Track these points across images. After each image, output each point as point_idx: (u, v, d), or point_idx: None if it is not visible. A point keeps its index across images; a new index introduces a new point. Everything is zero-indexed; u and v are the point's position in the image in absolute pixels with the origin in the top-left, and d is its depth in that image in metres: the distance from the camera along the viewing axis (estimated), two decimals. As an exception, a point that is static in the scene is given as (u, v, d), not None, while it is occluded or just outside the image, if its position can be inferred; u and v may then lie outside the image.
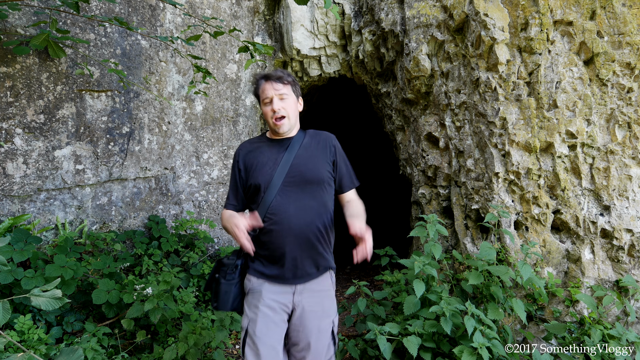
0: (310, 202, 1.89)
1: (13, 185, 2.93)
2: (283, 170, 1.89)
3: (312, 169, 1.92)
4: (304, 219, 1.86)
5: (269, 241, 1.86)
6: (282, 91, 1.90)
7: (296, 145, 1.97)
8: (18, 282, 2.52)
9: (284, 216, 1.84)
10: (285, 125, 1.91)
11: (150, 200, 3.66)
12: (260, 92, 1.94)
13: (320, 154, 1.98)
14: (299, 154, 1.94)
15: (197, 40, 3.26)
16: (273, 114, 1.89)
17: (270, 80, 1.90)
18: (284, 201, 1.86)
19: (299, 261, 1.87)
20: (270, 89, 1.89)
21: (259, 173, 1.91)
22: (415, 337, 2.37)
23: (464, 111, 3.28)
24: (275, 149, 1.96)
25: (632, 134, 2.81)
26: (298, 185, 1.88)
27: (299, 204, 1.87)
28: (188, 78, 3.79)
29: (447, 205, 3.54)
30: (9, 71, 2.88)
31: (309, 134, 2.04)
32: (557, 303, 2.90)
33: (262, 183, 1.88)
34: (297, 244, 1.85)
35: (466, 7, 3.12)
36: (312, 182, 1.89)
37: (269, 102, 1.90)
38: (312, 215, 1.88)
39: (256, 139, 2.07)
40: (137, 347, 2.79)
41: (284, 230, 1.84)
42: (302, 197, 1.88)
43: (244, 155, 2.00)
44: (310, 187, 1.89)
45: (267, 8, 4.40)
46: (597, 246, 2.86)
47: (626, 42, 2.76)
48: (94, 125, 3.27)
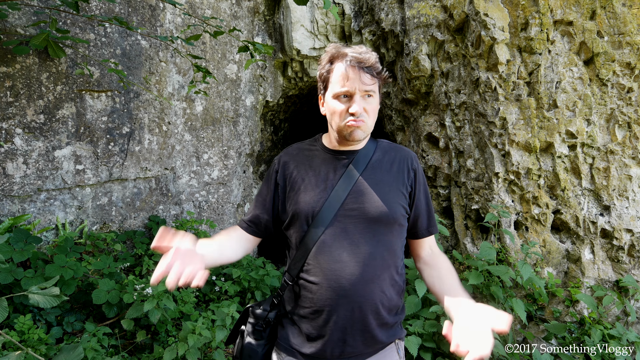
0: (372, 249, 1.33)
1: (13, 185, 2.93)
2: (338, 197, 1.34)
3: (380, 202, 1.35)
4: (362, 274, 1.30)
5: (307, 299, 1.34)
6: (369, 87, 1.31)
7: (362, 161, 1.40)
8: (18, 282, 2.52)
9: (331, 266, 1.30)
10: (361, 133, 1.33)
11: (151, 201, 3.66)
12: (333, 77, 1.34)
13: (394, 179, 1.41)
14: (366, 176, 1.38)
15: (197, 40, 3.26)
16: (348, 116, 1.31)
17: (359, 66, 1.30)
18: (333, 244, 1.31)
19: (350, 335, 1.31)
20: (356, 79, 1.29)
21: (301, 197, 1.36)
22: (415, 337, 2.37)
23: (464, 111, 3.28)
24: (331, 164, 1.40)
25: (632, 134, 2.81)
26: (357, 223, 1.33)
27: (356, 250, 1.31)
28: (188, 78, 3.79)
29: (447, 205, 3.54)
30: (9, 71, 2.88)
31: (382, 146, 1.47)
32: (557, 303, 2.89)
33: (304, 213, 1.34)
34: (350, 309, 1.30)
35: (466, 7, 3.12)
36: (379, 220, 1.33)
37: (347, 97, 1.31)
38: (375, 270, 1.32)
39: (307, 144, 1.50)
40: (137, 347, 2.79)
41: (330, 287, 1.30)
42: (362, 242, 1.32)
43: (287, 165, 1.43)
44: (375, 228, 1.34)
45: (267, 8, 4.40)
46: (597, 246, 2.86)
47: (626, 42, 2.76)
48: (94, 125, 3.27)
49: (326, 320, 1.31)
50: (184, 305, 2.91)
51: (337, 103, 1.32)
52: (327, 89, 1.37)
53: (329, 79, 1.36)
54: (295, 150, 1.49)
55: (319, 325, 1.32)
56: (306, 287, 1.34)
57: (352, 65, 1.30)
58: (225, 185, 4.16)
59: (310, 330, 1.34)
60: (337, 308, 1.30)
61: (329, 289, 1.30)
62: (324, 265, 1.31)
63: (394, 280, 1.37)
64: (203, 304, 3.44)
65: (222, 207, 4.15)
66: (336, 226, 1.32)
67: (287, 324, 1.41)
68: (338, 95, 1.32)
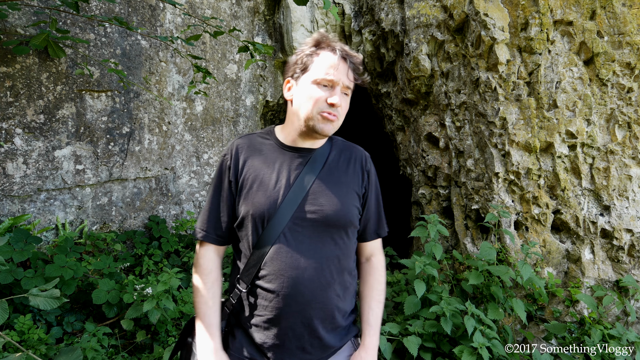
0: (330, 252, 1.29)
1: (13, 185, 2.93)
2: (295, 198, 1.25)
3: (339, 204, 1.30)
4: (320, 279, 1.26)
5: (262, 307, 1.27)
6: (351, 84, 1.29)
7: (319, 161, 1.33)
8: (18, 282, 2.52)
9: (290, 273, 1.24)
10: (331, 129, 1.28)
11: (151, 201, 3.66)
12: (318, 63, 1.27)
13: (350, 180, 1.36)
14: (322, 177, 1.31)
15: (197, 40, 3.26)
16: (325, 105, 1.25)
17: (347, 60, 1.27)
18: (291, 249, 1.24)
19: (307, 342, 1.28)
20: (343, 72, 1.26)
21: (255, 197, 1.26)
22: (415, 337, 2.37)
23: (464, 111, 3.28)
24: (287, 162, 1.31)
25: (632, 134, 2.81)
26: (315, 225, 1.27)
27: (314, 255, 1.26)
28: (188, 78, 3.79)
29: (447, 205, 3.54)
30: (9, 71, 2.88)
31: (337, 145, 1.42)
32: (557, 303, 2.89)
33: (258, 215, 1.25)
34: (308, 317, 1.26)
35: (466, 7, 3.12)
36: (336, 223, 1.29)
37: (329, 86, 1.26)
38: (332, 274, 1.29)
39: (259, 136, 1.39)
40: (137, 347, 2.79)
41: (288, 295, 1.24)
42: (319, 245, 1.27)
43: (239, 159, 1.32)
44: (333, 231, 1.29)
45: (267, 8, 4.40)
46: (597, 246, 2.86)
47: (626, 42, 2.76)
48: (94, 125, 3.27)
49: (283, 328, 1.25)
50: (184, 305, 2.91)
51: (316, 89, 1.25)
52: (305, 72, 1.29)
53: (311, 63, 1.28)
54: (247, 142, 1.36)
55: (275, 334, 1.26)
56: (262, 295, 1.26)
57: (343, 57, 1.27)
58: (225, 185, 4.16)
59: (264, 339, 1.27)
60: (295, 316, 1.25)
61: (287, 297, 1.24)
62: (282, 272, 1.24)
63: (348, 282, 1.34)
64: (203, 304, 3.43)
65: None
66: (293, 229, 1.25)
67: (239, 334, 1.32)
68: (320, 82, 1.25)
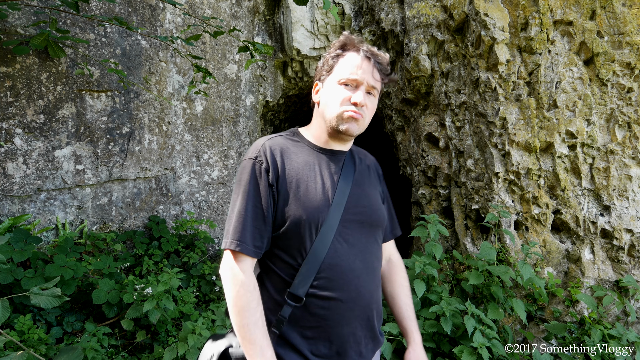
0: (376, 252, 1.30)
1: (13, 185, 2.93)
2: (341, 201, 1.22)
3: (376, 205, 1.33)
4: (373, 280, 1.25)
5: (321, 318, 1.17)
6: (377, 84, 1.27)
7: (351, 165, 1.33)
8: (18, 282, 2.52)
9: (348, 276, 1.18)
10: (356, 129, 1.25)
11: (151, 201, 3.66)
12: (343, 64, 1.26)
13: (374, 183, 1.40)
14: (357, 180, 1.32)
15: (197, 40, 3.26)
16: (349, 104, 1.23)
17: (372, 60, 1.26)
18: (345, 252, 1.20)
19: (364, 346, 1.24)
20: (367, 71, 1.24)
21: (305, 201, 1.18)
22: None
23: (464, 111, 3.28)
24: (324, 163, 1.28)
25: (632, 134, 2.81)
26: (360, 227, 1.25)
27: (364, 257, 1.24)
28: (188, 78, 3.79)
29: (447, 205, 3.54)
30: (9, 71, 2.88)
31: (355, 151, 1.42)
32: (557, 303, 2.89)
33: (312, 219, 1.17)
34: (365, 318, 1.23)
35: (466, 7, 3.12)
36: (377, 224, 1.30)
37: (353, 85, 1.25)
38: (378, 274, 1.30)
39: (287, 138, 1.32)
40: (137, 347, 2.79)
41: (350, 299, 1.18)
42: (367, 246, 1.26)
43: (276, 162, 1.22)
44: (374, 231, 1.30)
45: (267, 8, 4.40)
46: (597, 246, 2.86)
47: (626, 42, 2.76)
48: (94, 125, 3.27)
49: (346, 335, 1.19)
50: (184, 305, 2.91)
51: (340, 89, 1.25)
52: (330, 73, 1.29)
53: (336, 64, 1.28)
54: (280, 144, 1.27)
55: (336, 342, 1.18)
56: (320, 305, 1.16)
57: (367, 56, 1.26)
58: (226, 185, 4.16)
59: (324, 351, 1.17)
60: (356, 320, 1.20)
61: (350, 302, 1.18)
62: (342, 276, 1.17)
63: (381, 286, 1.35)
64: (203, 304, 3.44)
65: (222, 207, 4.15)
66: (343, 232, 1.21)
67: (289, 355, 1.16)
68: (345, 81, 1.25)
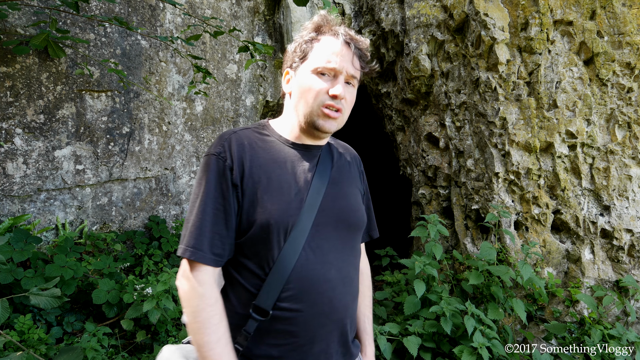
0: (353, 258, 1.17)
1: (13, 185, 2.93)
2: (314, 202, 1.09)
3: (355, 205, 1.19)
4: (348, 293, 1.12)
5: (289, 334, 1.04)
6: (357, 73, 1.12)
7: (328, 160, 1.19)
8: (18, 282, 2.52)
9: (321, 287, 1.05)
10: (334, 126, 1.12)
11: (151, 201, 3.66)
12: (318, 49, 1.11)
13: (353, 180, 1.26)
14: (334, 178, 1.18)
15: (197, 40, 3.26)
16: (327, 98, 1.08)
17: (351, 46, 1.10)
18: (318, 259, 1.06)
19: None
20: (347, 58, 1.09)
21: (272, 203, 1.05)
22: (415, 337, 2.37)
23: (464, 111, 3.28)
24: (297, 160, 1.14)
25: (632, 134, 2.81)
26: (336, 230, 1.12)
27: (341, 264, 1.10)
28: (188, 78, 3.79)
29: (447, 205, 3.54)
30: (9, 71, 2.88)
31: (333, 144, 1.30)
32: (557, 303, 2.89)
33: (280, 224, 1.04)
34: (336, 337, 1.10)
35: (466, 6, 3.12)
36: (355, 226, 1.17)
37: (331, 75, 1.09)
38: (356, 282, 1.17)
39: (254, 131, 1.17)
40: (137, 347, 2.79)
41: (322, 313, 1.05)
42: (344, 252, 1.13)
43: (243, 158, 1.08)
44: (352, 235, 1.17)
45: (267, 8, 4.40)
46: (597, 246, 2.86)
47: (626, 42, 2.76)
48: (94, 125, 3.27)
49: (316, 353, 1.06)
50: (184, 305, 2.91)
51: (316, 79, 1.09)
52: (304, 60, 1.12)
53: (310, 50, 1.12)
54: (244, 137, 1.12)
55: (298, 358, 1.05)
56: (287, 320, 1.03)
57: (347, 42, 1.10)
58: (225, 185, 4.16)
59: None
60: (329, 336, 1.07)
61: (322, 316, 1.04)
62: (313, 288, 1.04)
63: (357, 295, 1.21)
64: (203, 304, 3.43)
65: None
66: (316, 237, 1.07)
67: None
68: (321, 70, 1.08)
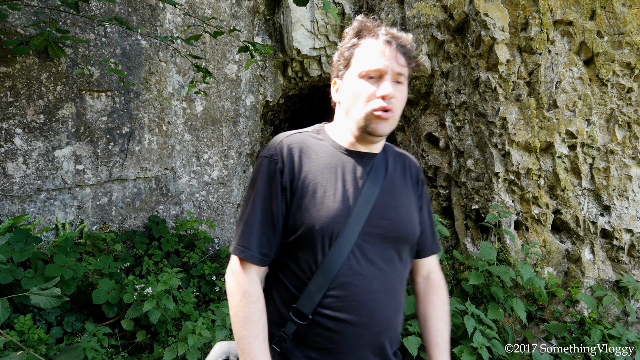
0: (400, 272, 1.13)
1: (13, 185, 2.93)
2: (363, 211, 1.07)
3: (406, 217, 1.14)
4: (391, 305, 1.09)
5: (327, 340, 1.05)
6: (403, 70, 1.09)
7: (381, 169, 1.15)
8: (18, 282, 2.52)
9: (363, 298, 1.04)
10: (387, 127, 1.09)
11: (151, 201, 3.66)
12: (361, 53, 1.10)
13: (408, 190, 1.20)
14: (386, 188, 1.14)
15: (197, 40, 3.26)
16: (376, 100, 1.06)
17: (394, 43, 1.08)
18: (363, 269, 1.05)
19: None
20: (390, 57, 1.07)
21: (320, 209, 1.05)
22: (415, 337, 2.37)
23: (464, 111, 3.28)
24: (349, 167, 1.12)
25: (632, 134, 2.81)
26: (384, 242, 1.09)
27: (385, 276, 1.08)
28: (188, 78, 3.79)
29: (447, 205, 3.54)
30: (9, 71, 2.88)
31: (390, 151, 1.24)
32: (557, 303, 2.89)
33: (325, 230, 1.03)
34: (374, 350, 1.08)
35: (466, 6, 3.12)
36: (404, 239, 1.13)
37: (377, 76, 1.07)
38: (401, 296, 1.13)
39: (310, 135, 1.17)
40: (137, 347, 2.79)
41: (362, 324, 1.04)
42: (390, 265, 1.10)
43: (293, 161, 1.09)
44: (400, 248, 1.12)
45: (267, 8, 4.40)
46: (597, 246, 2.86)
47: (626, 42, 2.76)
48: (94, 125, 3.27)
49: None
50: (184, 305, 2.91)
51: (363, 84, 1.07)
52: (349, 67, 1.11)
53: (353, 56, 1.10)
54: (298, 141, 1.13)
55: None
56: (326, 326, 1.04)
57: (388, 41, 1.08)
58: (226, 185, 4.16)
59: None
60: (366, 347, 1.05)
61: (361, 326, 1.03)
62: (355, 297, 1.03)
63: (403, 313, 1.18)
64: (203, 304, 3.44)
65: (222, 207, 4.15)
66: (362, 246, 1.05)
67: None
68: (366, 74, 1.07)
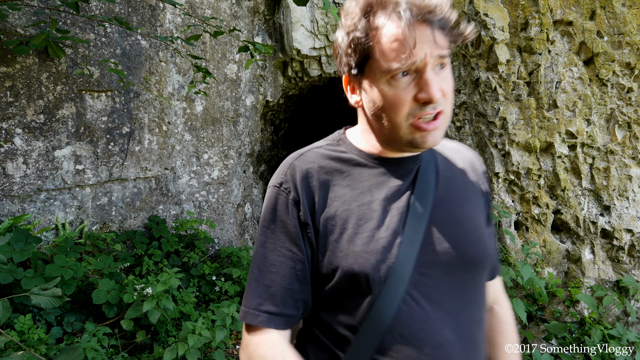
0: (477, 308, 0.87)
1: (13, 185, 2.93)
2: (414, 236, 0.81)
3: (476, 234, 0.87)
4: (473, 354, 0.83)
5: None
6: (444, 51, 0.76)
7: (429, 176, 0.87)
8: (18, 282, 2.52)
9: (431, 352, 0.79)
10: (439, 136, 0.80)
11: (151, 201, 3.66)
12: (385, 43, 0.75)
13: (473, 195, 0.92)
14: (441, 197, 0.86)
15: (197, 40, 3.26)
16: (417, 108, 0.76)
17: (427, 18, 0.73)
18: (426, 314, 0.80)
19: None
20: (426, 40, 0.73)
21: (355, 245, 0.81)
22: None
23: (464, 111, 3.28)
24: (385, 181, 0.85)
25: (632, 134, 2.81)
26: (450, 272, 0.83)
27: (460, 321, 0.82)
28: (188, 78, 3.79)
29: (447, 205, 3.54)
30: (9, 71, 2.88)
31: (438, 147, 0.95)
32: (557, 303, 2.89)
33: (368, 271, 0.79)
34: None
35: (466, 6, 3.12)
36: (478, 264, 0.86)
37: (412, 71, 0.76)
38: (482, 340, 0.87)
39: (329, 149, 0.91)
40: (137, 347, 2.79)
41: None
42: (462, 305, 0.83)
43: (311, 189, 0.85)
44: (473, 276, 0.86)
45: (267, 8, 4.40)
46: (597, 246, 2.86)
47: (626, 42, 2.76)
48: (94, 125, 3.27)
49: None
50: (184, 305, 2.91)
51: (394, 85, 0.76)
52: (369, 61, 0.78)
53: (370, 45, 0.76)
54: (315, 160, 0.87)
55: None
56: None
57: (416, 16, 0.72)
58: (226, 185, 4.15)
59: None
60: None
61: None
62: (419, 352, 0.78)
63: None
64: (203, 304, 3.44)
65: (222, 207, 4.14)
66: (421, 282, 0.80)
67: None
68: (395, 73, 0.75)
